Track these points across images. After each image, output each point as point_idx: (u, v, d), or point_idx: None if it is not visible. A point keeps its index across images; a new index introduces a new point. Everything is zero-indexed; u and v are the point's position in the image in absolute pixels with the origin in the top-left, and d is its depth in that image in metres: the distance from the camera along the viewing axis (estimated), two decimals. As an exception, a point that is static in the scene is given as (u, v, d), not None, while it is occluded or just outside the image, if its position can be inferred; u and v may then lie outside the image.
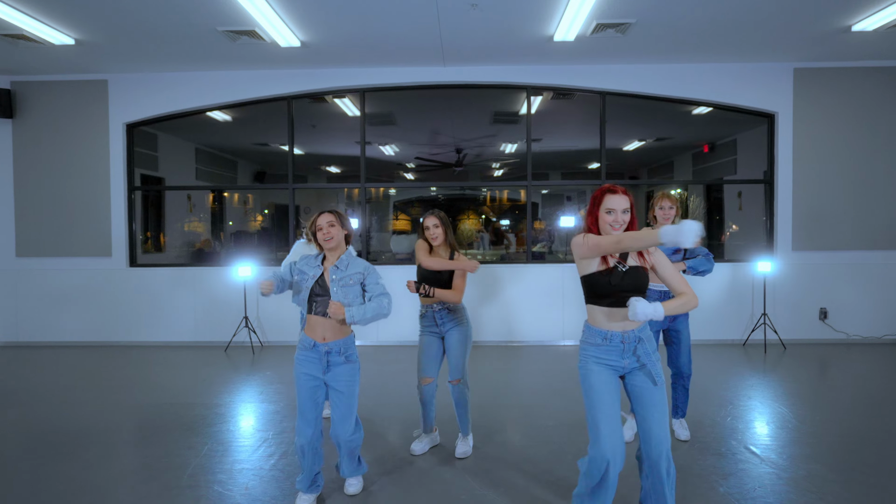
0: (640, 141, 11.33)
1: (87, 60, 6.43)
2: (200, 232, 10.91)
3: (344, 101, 7.45)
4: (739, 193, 9.49)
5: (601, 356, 2.47)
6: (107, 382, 5.37)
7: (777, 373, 5.53)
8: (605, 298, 2.45)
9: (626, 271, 2.45)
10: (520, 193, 14.71)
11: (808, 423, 4.09)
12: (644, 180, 13.90)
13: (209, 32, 5.61)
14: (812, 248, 6.81)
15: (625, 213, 2.44)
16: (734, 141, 9.66)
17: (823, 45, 6.16)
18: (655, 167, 13.71)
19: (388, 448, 3.70)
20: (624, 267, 2.45)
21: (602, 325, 2.48)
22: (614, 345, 2.45)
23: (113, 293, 7.02)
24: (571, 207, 15.00)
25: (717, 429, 3.98)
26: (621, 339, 2.45)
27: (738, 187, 9.29)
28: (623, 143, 11.44)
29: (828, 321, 6.82)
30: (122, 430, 4.13)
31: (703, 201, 11.48)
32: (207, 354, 6.51)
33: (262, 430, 4.05)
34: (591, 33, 5.68)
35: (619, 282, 2.42)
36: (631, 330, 2.46)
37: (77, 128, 6.97)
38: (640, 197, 14.40)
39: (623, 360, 2.46)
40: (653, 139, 11.42)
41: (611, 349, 2.46)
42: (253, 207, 14.47)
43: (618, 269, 2.45)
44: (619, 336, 2.45)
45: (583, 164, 13.59)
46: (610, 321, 2.46)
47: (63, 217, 7.00)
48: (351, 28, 5.59)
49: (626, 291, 2.42)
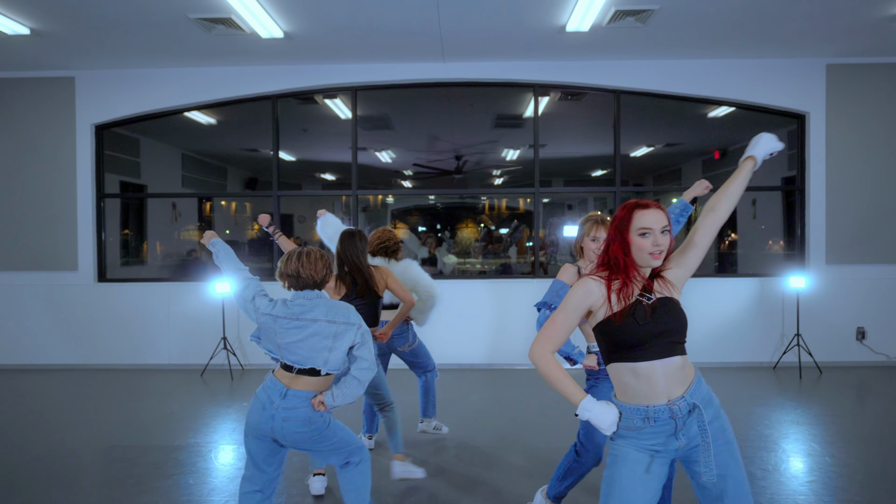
0: (648, 147, 10.78)
1: (51, 55, 5.83)
2: (195, 240, 10.32)
3: (335, 103, 6.83)
4: (753, 201, 8.93)
5: (643, 444, 1.77)
6: (60, 416, 4.71)
7: (818, 403, 4.89)
8: (637, 350, 1.76)
9: (653, 306, 1.77)
10: (518, 202, 14.16)
11: (860, 471, 3.44)
12: (650, 187, 13.35)
13: (180, 20, 5.00)
14: (848, 262, 6.19)
15: (664, 234, 1.80)
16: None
17: (861, 38, 5.57)
18: (662, 174, 13.16)
19: None
20: (648, 299, 1.79)
21: (638, 399, 1.77)
22: (661, 424, 1.75)
23: (78, 311, 6.36)
24: (573, 216, 14.44)
25: (774, 483, 3.33)
26: (670, 414, 1.74)
27: (751, 195, 8.72)
28: (630, 150, 10.90)
29: (866, 342, 6.19)
30: (61, 481, 3.46)
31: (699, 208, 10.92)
32: (182, 379, 5.86)
33: (228, 483, 3.40)
34: (607, 22, 5.08)
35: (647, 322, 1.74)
36: (679, 397, 1.75)
37: (40, 129, 6.35)
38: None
39: (678, 442, 1.76)
40: (662, 144, 10.89)
41: (656, 432, 1.76)
42: (250, 216, 13.89)
43: (641, 302, 1.78)
44: (665, 411, 1.74)
45: (587, 172, 13.06)
46: (649, 388, 1.75)
47: (23, 227, 6.35)
48: (338, 16, 4.99)
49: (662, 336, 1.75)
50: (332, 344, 2.33)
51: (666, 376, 1.74)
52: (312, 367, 2.33)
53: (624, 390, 1.79)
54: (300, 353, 2.34)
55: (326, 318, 2.35)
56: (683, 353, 1.80)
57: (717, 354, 6.21)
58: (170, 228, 9.91)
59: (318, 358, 2.32)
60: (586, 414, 1.74)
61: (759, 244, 8.99)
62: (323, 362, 2.34)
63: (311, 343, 2.33)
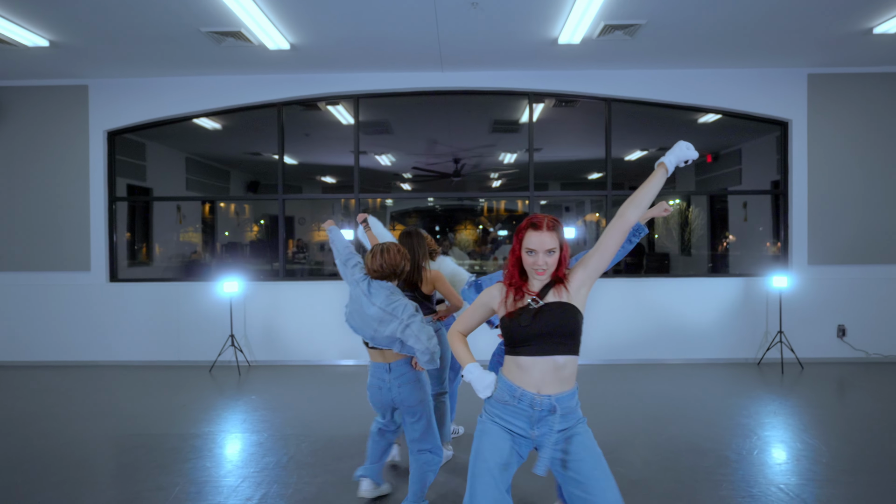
0: (642, 151, 11.05)
1: (66, 65, 6.09)
2: (195, 242, 10.56)
3: (338, 109, 7.11)
4: (744, 204, 9.19)
5: (506, 417, 2.02)
6: (79, 408, 4.97)
7: (798, 395, 5.17)
8: (519, 346, 1.99)
9: (537, 310, 1.99)
10: (517, 204, 14.43)
11: (839, 458, 3.72)
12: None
13: (192, 34, 5.27)
14: (829, 262, 6.47)
15: (549, 255, 2.00)
16: (739, 151, 9.37)
17: (840, 50, 5.86)
18: (655, 177, 13.43)
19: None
20: (537, 303, 2.00)
21: (514, 379, 2.01)
22: (523, 408, 1.99)
23: (91, 310, 6.63)
24: (571, 218, 14.71)
25: (745, 464, 3.61)
26: (531, 403, 1.98)
27: (742, 198, 8.99)
28: (625, 153, 11.15)
29: (846, 339, 6.47)
30: (87, 466, 3.74)
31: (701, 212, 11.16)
32: (191, 375, 6.12)
33: (242, 467, 3.67)
34: (597, 35, 5.37)
35: (529, 324, 1.97)
36: (546, 395, 1.97)
37: (55, 135, 6.61)
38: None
39: (533, 430, 1.99)
40: (655, 148, 11.14)
41: (518, 412, 2.01)
42: (249, 218, 14.12)
43: (529, 306, 2.01)
44: (530, 398, 1.98)
45: (583, 175, 13.32)
46: (524, 377, 1.99)
47: (40, 229, 6.61)
48: (343, 30, 5.27)
49: (544, 336, 1.97)
50: (377, 326, 2.76)
51: (542, 372, 1.97)
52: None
53: (509, 372, 2.04)
54: (365, 331, 2.80)
55: (381, 306, 2.75)
56: (567, 353, 1.99)
57: (704, 351, 6.49)
58: (174, 230, 10.16)
59: (368, 332, 2.77)
60: (469, 375, 2.05)
61: (756, 245, 9.24)
62: (370, 337, 2.80)
63: (367, 320, 2.78)
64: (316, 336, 6.59)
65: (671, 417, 4.55)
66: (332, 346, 6.57)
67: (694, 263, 11.23)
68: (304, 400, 5.19)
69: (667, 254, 11.96)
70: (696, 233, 11.15)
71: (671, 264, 11.32)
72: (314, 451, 3.86)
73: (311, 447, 3.94)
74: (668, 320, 6.53)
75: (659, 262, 11.54)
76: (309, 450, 3.90)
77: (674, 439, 4.06)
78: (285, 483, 3.38)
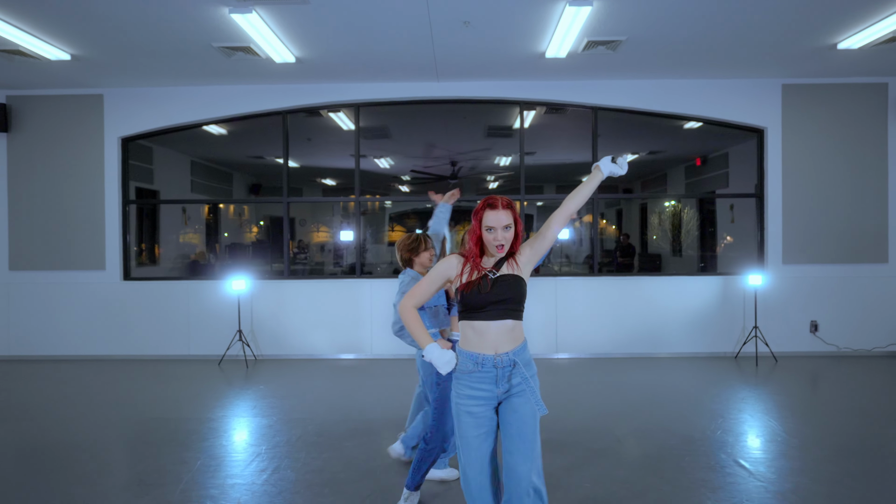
0: (633, 154, 11.43)
1: (83, 75, 6.47)
2: (195, 244, 10.93)
3: (339, 115, 7.51)
4: (731, 206, 9.58)
5: (474, 385, 2.26)
6: (100, 397, 5.36)
7: (768, 386, 5.57)
8: (475, 312, 2.25)
9: (494, 280, 2.26)
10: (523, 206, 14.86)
11: (797, 436, 4.12)
12: (637, 194, 14.00)
13: (204, 48, 5.67)
14: (802, 262, 6.88)
15: (506, 230, 2.25)
16: (726, 154, 9.76)
17: (810, 62, 6.26)
18: (649, 180, 13.82)
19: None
20: (494, 275, 2.28)
21: (473, 348, 2.27)
22: (487, 370, 2.24)
23: (106, 306, 7.01)
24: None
25: (707, 442, 4.01)
26: (494, 363, 2.24)
27: (730, 200, 9.38)
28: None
29: (818, 334, 6.87)
30: (115, 444, 4.13)
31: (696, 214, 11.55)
32: (201, 368, 6.50)
33: (254, 445, 4.06)
34: (582, 50, 5.76)
35: (486, 293, 2.23)
36: (504, 353, 2.25)
37: (72, 141, 7.00)
38: (633, 210, 14.52)
39: (497, 389, 2.25)
40: (646, 152, 11.53)
41: (484, 377, 2.25)
42: (249, 219, 14.49)
43: (488, 276, 2.27)
44: (491, 360, 2.23)
45: (577, 177, 13.67)
46: (482, 341, 2.25)
47: (57, 230, 7.00)
48: (344, 44, 5.66)
49: (496, 303, 2.24)
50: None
51: (497, 334, 2.24)
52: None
53: (466, 341, 2.28)
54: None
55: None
56: (516, 318, 2.28)
57: (685, 345, 6.89)
58: (179, 232, 10.53)
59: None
60: (430, 355, 2.22)
61: (744, 246, 9.61)
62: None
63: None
64: (318, 332, 6.98)
65: (647, 404, 4.95)
66: (333, 342, 6.97)
67: (685, 264, 11.64)
68: (307, 390, 5.58)
69: (659, 255, 12.35)
70: (691, 234, 11.53)
71: (663, 265, 11.70)
72: (319, 433, 4.24)
73: (317, 429, 4.32)
74: (650, 317, 6.93)
75: (651, 263, 11.93)
76: (314, 431, 4.28)
77: (646, 422, 4.45)
78: (294, 458, 3.77)
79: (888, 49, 5.76)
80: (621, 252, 11.81)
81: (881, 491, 3.24)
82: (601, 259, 13.17)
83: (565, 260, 13.08)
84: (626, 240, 12.35)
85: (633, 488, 3.30)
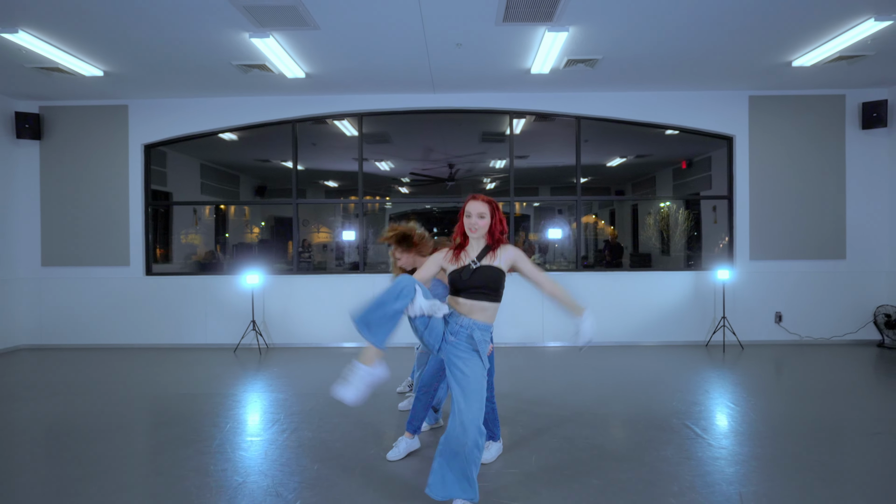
0: (621, 158, 12.06)
1: (111, 87, 7.11)
2: (196, 244, 11.52)
3: (343, 123, 8.15)
4: (714, 207, 10.21)
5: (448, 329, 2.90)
6: (130, 378, 6.00)
7: (730, 369, 6.21)
8: (459, 292, 2.89)
9: (474, 270, 2.87)
10: (515, 206, 15.48)
11: (750, 409, 4.74)
12: (629, 196, 14.63)
13: (224, 66, 6.31)
14: (768, 258, 7.51)
15: (480, 218, 2.85)
16: (709, 158, 10.38)
17: (774, 76, 6.90)
18: (640, 182, 14.43)
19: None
20: (475, 265, 2.89)
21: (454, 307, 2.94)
22: (455, 324, 2.90)
23: (130, 299, 7.65)
24: (561, 220, 15.71)
25: (665, 411, 4.65)
26: (459, 323, 2.88)
27: (713, 201, 10.00)
28: (606, 160, 12.16)
29: (782, 324, 7.51)
30: (153, 414, 4.77)
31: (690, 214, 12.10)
32: (218, 355, 7.14)
33: (273, 413, 4.69)
34: (563, 67, 6.41)
35: (468, 278, 2.86)
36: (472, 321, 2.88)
37: (99, 148, 7.65)
38: (625, 211, 15.16)
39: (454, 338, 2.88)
40: (633, 156, 12.14)
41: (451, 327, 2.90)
42: (249, 219, 15.09)
43: (470, 266, 2.88)
44: (462, 319, 2.89)
45: (570, 179, 14.20)
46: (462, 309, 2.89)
47: (85, 230, 7.64)
48: (350, 62, 6.30)
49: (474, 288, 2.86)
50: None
51: (471, 309, 2.89)
52: None
53: (453, 305, 2.94)
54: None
55: None
56: (490, 300, 2.89)
57: (661, 335, 7.53)
58: (189, 231, 11.15)
59: None
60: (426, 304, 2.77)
61: (717, 244, 10.22)
62: None
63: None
64: (324, 322, 7.62)
65: (617, 384, 5.59)
66: (337, 331, 7.61)
67: (673, 262, 12.26)
68: (315, 372, 6.22)
69: (649, 254, 12.96)
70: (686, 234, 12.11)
71: (653, 263, 12.28)
72: (329, 404, 4.87)
73: (327, 401, 4.95)
74: (630, 308, 7.57)
75: (642, 261, 12.52)
76: (325, 403, 4.92)
77: (613, 396, 5.09)
78: (309, 422, 4.41)
79: (839, 66, 6.41)
80: (610, 251, 12.45)
81: (819, 455, 3.86)
82: (591, 258, 13.80)
83: (563, 259, 13.64)
84: (615, 239, 12.98)
85: (593, 441, 3.94)
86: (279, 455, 3.76)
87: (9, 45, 5.59)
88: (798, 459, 3.63)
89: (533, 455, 3.73)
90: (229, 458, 3.71)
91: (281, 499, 3.12)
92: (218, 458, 3.70)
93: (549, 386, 5.47)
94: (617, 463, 3.58)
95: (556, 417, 4.50)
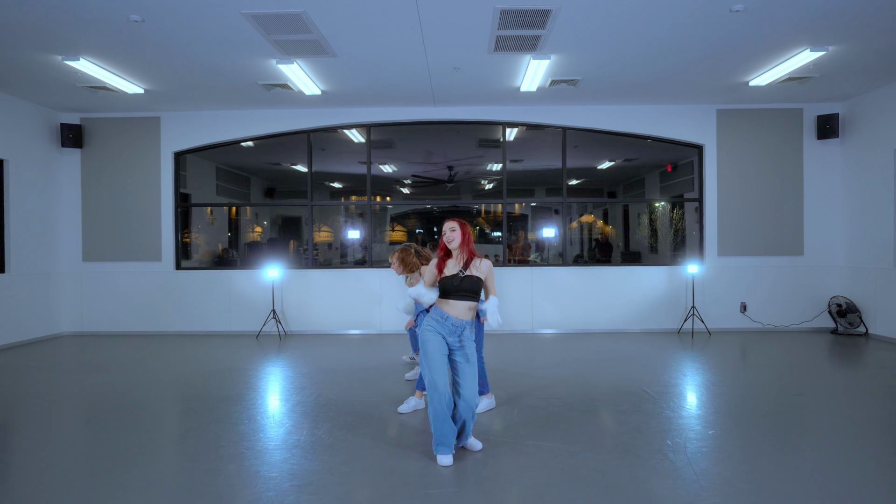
0: (610, 161, 12.89)
1: (146, 101, 7.98)
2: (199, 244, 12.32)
3: (351, 131, 9.02)
4: (696, 208, 11.07)
5: (438, 329, 3.58)
6: (167, 357, 6.87)
7: (699, 351, 7.08)
8: (450, 294, 3.61)
9: (463, 278, 3.62)
10: (514, 207, 16.30)
11: (707, 381, 5.63)
12: (620, 198, 15.47)
13: (250, 85, 7.19)
14: (733, 254, 8.39)
15: (452, 231, 3.64)
16: (692, 162, 11.22)
17: (734, 93, 7.78)
18: (630, 184, 15.24)
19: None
20: (462, 274, 3.64)
21: (446, 310, 3.61)
22: (447, 325, 3.59)
23: (162, 292, 8.53)
24: (557, 219, 16.50)
25: (629, 380, 5.52)
26: (452, 324, 3.59)
27: (695, 203, 10.85)
28: (597, 163, 13.01)
29: (747, 313, 8.38)
30: (194, 382, 5.64)
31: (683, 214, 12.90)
32: (242, 341, 8.01)
33: (299, 381, 5.57)
34: (549, 86, 7.28)
35: (458, 284, 3.60)
36: (460, 321, 3.59)
37: (134, 155, 8.52)
38: (616, 212, 16.00)
39: (450, 339, 3.58)
40: (621, 160, 12.98)
41: (444, 326, 3.59)
42: (251, 219, 15.86)
43: (458, 274, 3.63)
44: (451, 320, 3.59)
45: (561, 181, 14.96)
46: (450, 310, 3.60)
47: (121, 228, 8.52)
48: (361, 82, 7.18)
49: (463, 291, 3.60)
50: None
51: (458, 311, 3.58)
52: None
53: (440, 306, 3.63)
54: None
55: None
56: (474, 300, 3.61)
57: (639, 323, 8.40)
58: (205, 231, 11.99)
59: None
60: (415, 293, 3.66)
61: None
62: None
63: None
64: (335, 312, 8.50)
65: (592, 362, 6.47)
66: (346, 320, 8.48)
67: (660, 259, 13.10)
68: (332, 353, 7.10)
69: (639, 252, 13.78)
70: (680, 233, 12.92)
71: (642, 260, 13.09)
72: (349, 376, 5.75)
73: (346, 375, 5.83)
74: (611, 299, 8.45)
75: (632, 258, 13.32)
76: (344, 376, 5.79)
77: (588, 371, 5.97)
78: (331, 389, 5.28)
79: (791, 85, 7.28)
80: (599, 249, 13.29)
81: (762, 421, 4.73)
82: (586, 255, 14.62)
83: (558, 258, 14.41)
84: (604, 237, 13.83)
85: (565, 401, 4.81)
86: (310, 410, 4.64)
87: (66, 69, 6.45)
88: (735, 418, 4.51)
89: (515, 409, 4.62)
90: (268, 413, 4.59)
91: (319, 440, 3.99)
92: (259, 412, 4.58)
93: (534, 364, 6.36)
94: (581, 415, 4.46)
95: (537, 385, 5.38)
